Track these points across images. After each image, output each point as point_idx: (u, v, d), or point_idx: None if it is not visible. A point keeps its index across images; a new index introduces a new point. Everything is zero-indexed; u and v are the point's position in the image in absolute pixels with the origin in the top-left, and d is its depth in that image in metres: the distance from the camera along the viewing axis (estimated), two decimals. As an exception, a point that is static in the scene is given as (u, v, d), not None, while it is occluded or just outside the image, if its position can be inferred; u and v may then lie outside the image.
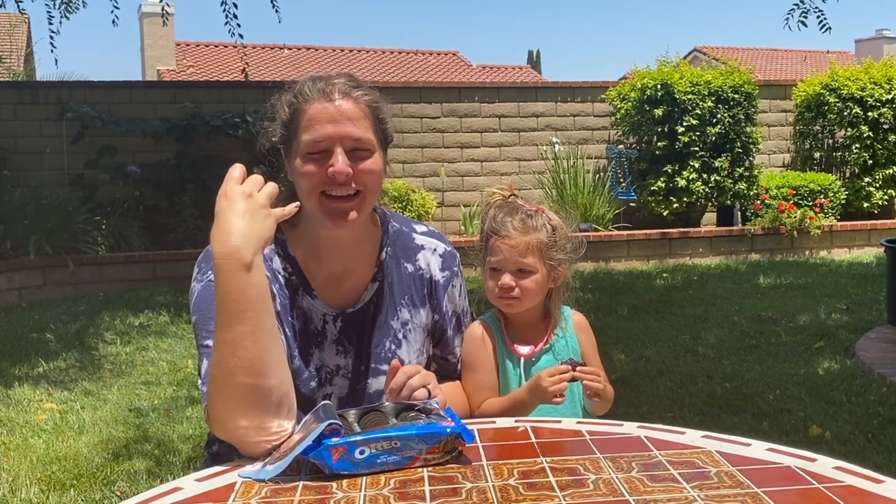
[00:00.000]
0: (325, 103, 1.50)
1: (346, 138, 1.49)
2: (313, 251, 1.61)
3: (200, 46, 22.39)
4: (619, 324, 5.64)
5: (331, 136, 1.48)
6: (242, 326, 1.31)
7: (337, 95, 1.50)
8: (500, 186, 1.84)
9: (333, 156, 1.48)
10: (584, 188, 9.09)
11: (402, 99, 9.24)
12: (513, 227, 1.74)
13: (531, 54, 36.39)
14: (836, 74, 9.80)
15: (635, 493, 1.12)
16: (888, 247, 5.14)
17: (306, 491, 1.20)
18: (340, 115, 1.49)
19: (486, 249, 1.78)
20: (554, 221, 1.79)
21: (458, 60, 23.37)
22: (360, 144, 1.50)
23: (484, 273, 1.80)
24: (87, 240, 7.53)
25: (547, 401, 1.62)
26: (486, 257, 1.79)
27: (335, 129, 1.48)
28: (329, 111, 1.49)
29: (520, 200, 1.81)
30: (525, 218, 1.75)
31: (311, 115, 1.49)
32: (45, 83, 10.09)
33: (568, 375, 1.62)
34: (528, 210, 1.77)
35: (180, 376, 4.69)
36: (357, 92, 1.52)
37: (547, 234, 1.76)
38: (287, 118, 1.53)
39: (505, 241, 1.74)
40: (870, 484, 1.15)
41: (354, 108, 1.51)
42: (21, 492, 3.09)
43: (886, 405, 3.80)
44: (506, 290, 1.74)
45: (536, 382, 1.63)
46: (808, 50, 26.94)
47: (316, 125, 1.49)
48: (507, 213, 1.77)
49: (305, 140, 1.49)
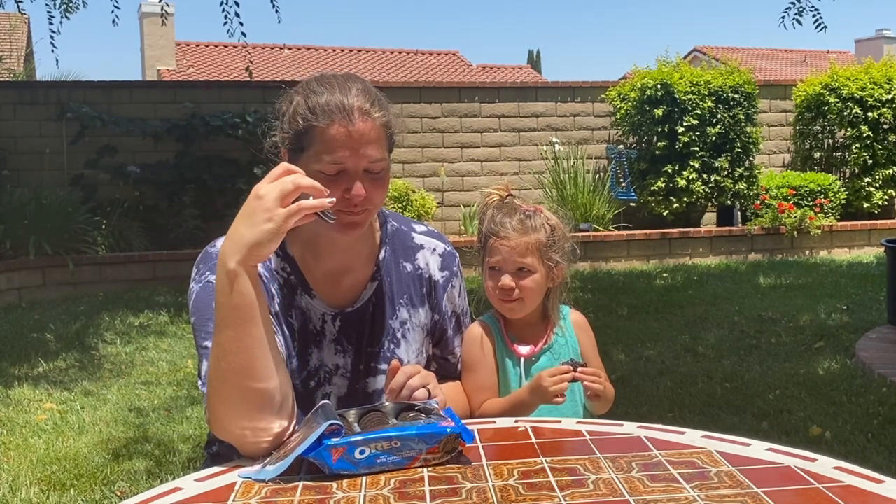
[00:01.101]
0: (344, 126, 1.46)
1: (364, 160, 1.48)
2: (312, 251, 1.60)
3: (200, 46, 22.39)
4: (619, 324, 5.64)
5: (350, 160, 1.47)
6: (230, 332, 1.31)
7: (356, 115, 1.47)
8: (497, 186, 1.84)
9: (352, 180, 1.47)
10: (584, 188, 9.09)
11: (402, 99, 9.24)
12: (511, 227, 1.74)
13: (531, 54, 36.40)
14: (836, 74, 9.80)
15: (635, 493, 1.12)
16: (888, 247, 5.14)
17: (306, 491, 1.20)
18: (361, 137, 1.46)
19: (485, 250, 1.78)
20: (552, 221, 1.79)
21: (458, 60, 23.38)
22: (376, 166, 1.50)
23: (483, 273, 1.81)
24: (87, 240, 7.53)
25: (548, 401, 1.63)
26: (484, 257, 1.79)
27: (355, 153, 1.46)
28: (349, 135, 1.46)
29: (517, 200, 1.81)
30: (524, 218, 1.75)
31: (331, 135, 1.46)
32: (45, 83, 10.10)
33: (569, 376, 1.62)
34: (526, 210, 1.78)
35: (180, 376, 4.69)
36: (375, 112, 1.50)
37: (546, 233, 1.76)
38: (301, 130, 1.49)
39: (504, 242, 1.74)
40: (870, 484, 1.15)
41: (373, 130, 1.48)
42: (21, 492, 3.09)
43: (886, 405, 3.80)
44: (506, 290, 1.74)
45: (537, 382, 1.63)
46: (808, 50, 26.95)
47: (336, 148, 1.46)
48: (505, 213, 1.77)
49: (324, 160, 1.46)
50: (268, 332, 1.35)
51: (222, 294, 1.31)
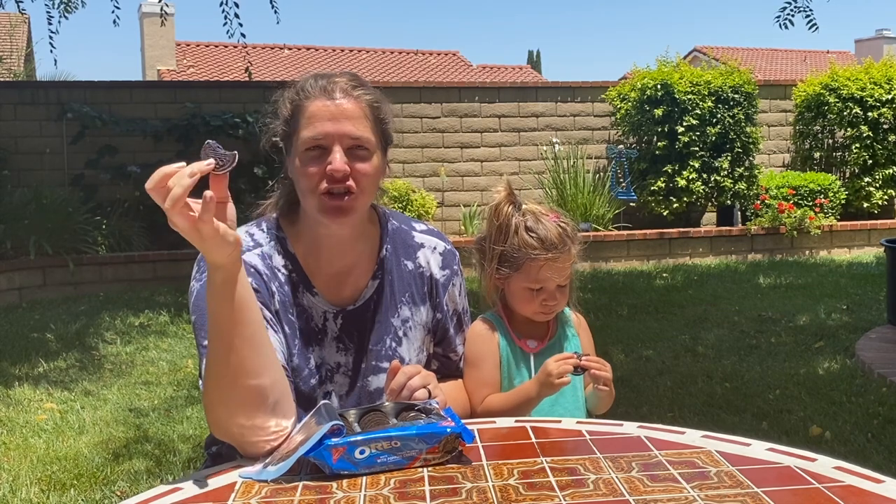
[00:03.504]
0: (325, 101, 1.49)
1: (344, 136, 1.49)
2: (313, 249, 1.61)
3: (200, 46, 22.39)
4: (619, 324, 5.64)
5: (330, 134, 1.48)
6: (215, 332, 1.32)
7: (338, 93, 1.50)
8: (497, 189, 1.79)
9: (331, 153, 1.48)
10: (584, 188, 9.09)
11: (402, 99, 9.24)
12: (553, 248, 1.71)
13: (531, 54, 36.41)
14: (836, 74, 9.80)
15: (635, 493, 1.12)
16: (888, 247, 5.14)
17: (306, 491, 1.20)
18: (340, 113, 1.49)
19: (516, 266, 1.73)
20: (572, 226, 1.78)
21: (458, 60, 23.38)
22: (359, 143, 1.50)
23: (505, 284, 1.76)
24: (88, 240, 7.53)
25: (553, 387, 1.63)
26: (514, 272, 1.74)
27: (334, 126, 1.48)
28: (329, 109, 1.49)
29: (532, 204, 1.78)
30: (562, 237, 1.73)
31: (311, 111, 1.49)
32: (45, 83, 10.09)
33: (574, 360, 1.64)
34: (559, 227, 1.74)
35: (180, 376, 4.69)
36: (358, 91, 1.52)
37: (578, 244, 1.76)
38: (288, 114, 1.53)
39: (546, 270, 1.71)
40: (870, 484, 1.15)
41: (355, 107, 1.50)
42: (21, 492, 3.09)
43: (886, 405, 3.80)
44: (551, 306, 1.75)
45: (543, 370, 1.65)
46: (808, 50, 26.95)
47: (316, 122, 1.48)
48: (541, 235, 1.72)
49: (304, 136, 1.49)
50: (259, 330, 1.35)
51: (209, 298, 1.32)
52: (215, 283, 1.29)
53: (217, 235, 1.23)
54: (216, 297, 1.30)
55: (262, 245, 1.59)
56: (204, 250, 1.27)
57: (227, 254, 1.27)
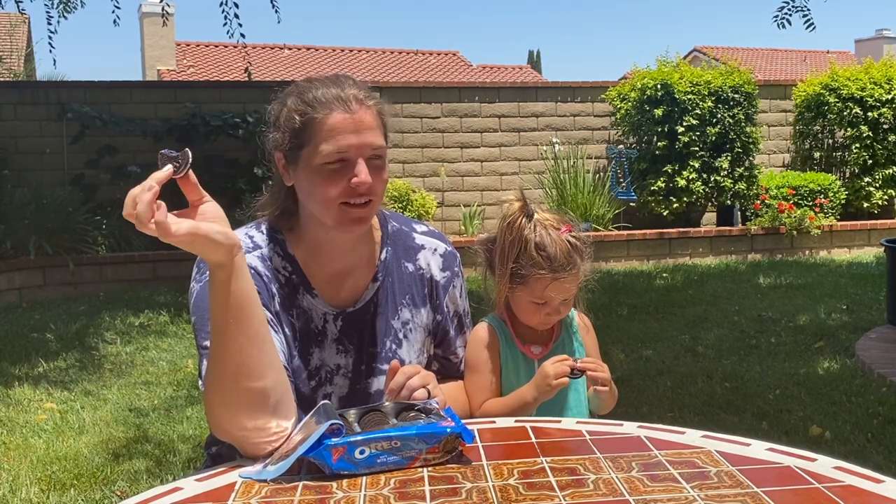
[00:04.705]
0: (344, 113, 1.47)
1: (366, 147, 1.48)
2: (313, 251, 1.60)
3: (200, 46, 22.39)
4: (619, 324, 5.64)
5: (353, 146, 1.47)
6: (218, 332, 1.32)
7: (354, 104, 1.48)
8: (510, 200, 1.74)
9: (356, 166, 1.47)
10: (584, 188, 9.09)
11: (402, 99, 9.24)
12: (561, 269, 1.69)
13: (531, 54, 36.41)
14: (836, 74, 9.80)
15: (635, 493, 1.13)
16: (888, 247, 5.14)
17: (306, 491, 1.20)
18: (361, 124, 1.48)
19: (523, 280, 1.70)
20: (582, 237, 1.75)
21: (458, 60, 23.37)
22: (378, 153, 1.50)
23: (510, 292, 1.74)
24: (88, 240, 7.53)
25: (549, 390, 1.63)
26: (519, 285, 1.71)
27: (358, 139, 1.47)
28: (350, 121, 1.47)
29: (544, 212, 1.74)
30: (571, 255, 1.70)
31: (331, 125, 1.47)
32: (45, 83, 10.09)
33: (569, 362, 1.64)
34: (570, 242, 1.71)
35: (180, 376, 4.69)
36: (370, 101, 1.51)
37: (587, 259, 1.74)
38: (299, 126, 1.49)
39: (555, 286, 1.69)
40: (870, 484, 1.15)
41: (370, 116, 1.50)
42: (21, 492, 3.09)
43: (886, 405, 3.80)
44: (554, 319, 1.75)
45: (540, 372, 1.65)
46: (808, 50, 26.95)
47: (338, 136, 1.46)
48: (550, 254, 1.69)
49: (326, 150, 1.46)
50: (262, 328, 1.35)
51: (212, 298, 1.32)
52: (218, 281, 1.29)
53: (199, 238, 1.23)
54: (219, 297, 1.30)
55: (261, 247, 1.59)
56: (198, 254, 1.27)
57: (223, 252, 1.26)
